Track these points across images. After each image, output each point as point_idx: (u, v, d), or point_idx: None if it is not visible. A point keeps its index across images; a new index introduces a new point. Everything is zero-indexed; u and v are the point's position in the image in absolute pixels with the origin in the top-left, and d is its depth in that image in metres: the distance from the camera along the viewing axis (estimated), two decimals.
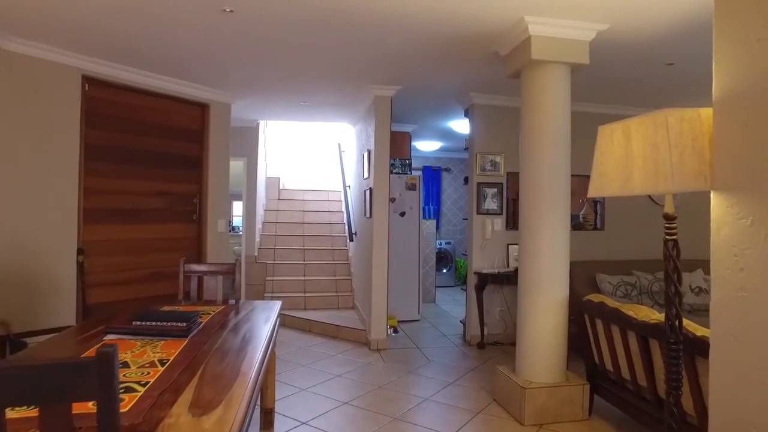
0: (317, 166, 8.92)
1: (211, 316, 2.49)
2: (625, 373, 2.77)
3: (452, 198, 9.86)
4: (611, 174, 1.74)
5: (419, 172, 8.88)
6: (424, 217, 6.89)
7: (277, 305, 2.90)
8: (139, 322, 2.09)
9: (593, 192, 1.91)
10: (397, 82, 4.55)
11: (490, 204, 4.96)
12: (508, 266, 4.93)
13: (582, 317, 3.15)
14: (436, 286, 7.53)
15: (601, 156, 1.86)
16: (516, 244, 5.00)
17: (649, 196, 5.41)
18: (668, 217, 1.73)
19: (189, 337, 2.04)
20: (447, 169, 9.80)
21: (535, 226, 3.16)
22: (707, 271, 5.51)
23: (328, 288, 6.37)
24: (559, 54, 3.10)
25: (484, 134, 4.97)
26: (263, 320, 2.48)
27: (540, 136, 3.16)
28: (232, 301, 2.88)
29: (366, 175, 5.21)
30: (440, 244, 8.56)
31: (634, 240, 5.30)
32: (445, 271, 8.92)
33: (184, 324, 2.08)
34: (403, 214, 6.09)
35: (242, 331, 2.25)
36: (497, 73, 4.00)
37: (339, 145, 7.99)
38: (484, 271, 4.76)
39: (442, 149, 9.08)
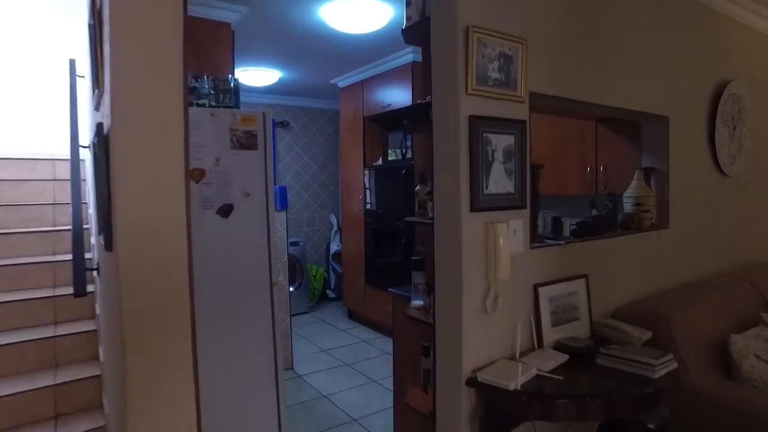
0: (26, 109, 4.47)
1: None
2: None
3: (293, 170, 6.38)
4: None
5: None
6: (276, 208, 3.33)
7: None
8: None
9: None
10: None
11: (500, 182, 1.76)
12: (539, 344, 1.84)
13: None
14: (291, 328, 4.12)
15: None
16: (553, 283, 1.93)
17: (716, 160, 2.88)
18: None
19: None
20: (284, 124, 6.25)
21: None
22: None
23: (40, 410, 2.44)
24: None
25: None
26: None
27: None
28: None
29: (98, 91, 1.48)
30: None
31: (707, 241, 2.75)
32: (292, 289, 5.52)
33: None
34: (227, 211, 2.50)
35: None
36: None
37: (72, 62, 3.80)
38: (502, 384, 1.55)
39: (278, 89, 5.52)
